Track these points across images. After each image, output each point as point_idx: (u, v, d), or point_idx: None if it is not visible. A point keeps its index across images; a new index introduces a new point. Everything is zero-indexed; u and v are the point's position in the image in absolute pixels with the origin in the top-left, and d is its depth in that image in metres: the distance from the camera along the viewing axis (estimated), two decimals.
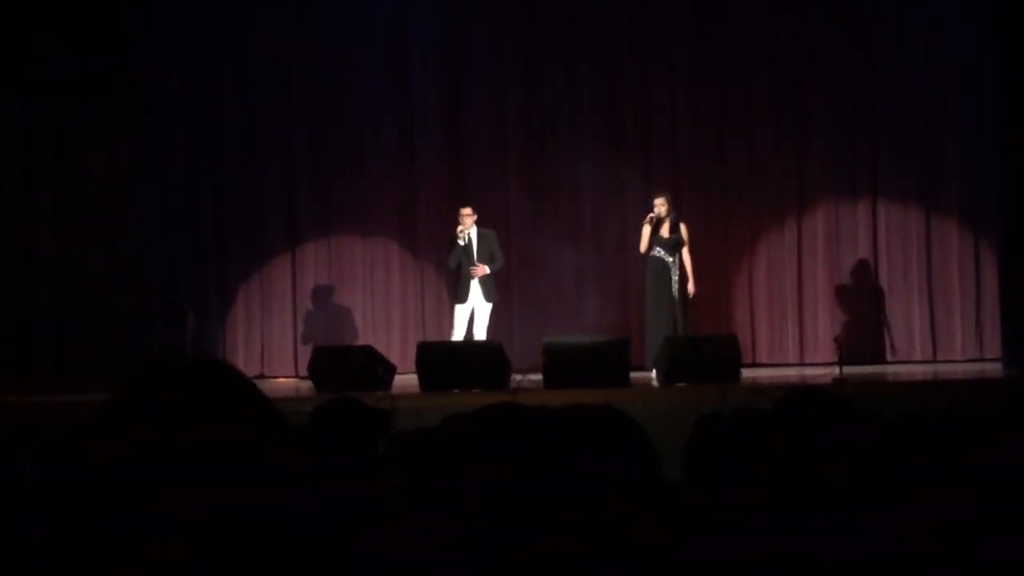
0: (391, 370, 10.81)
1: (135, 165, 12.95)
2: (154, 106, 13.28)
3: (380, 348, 11.74)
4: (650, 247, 11.74)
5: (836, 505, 2.54)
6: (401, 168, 13.90)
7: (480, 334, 12.04)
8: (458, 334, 12.12)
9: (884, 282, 13.44)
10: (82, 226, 12.64)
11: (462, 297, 12.14)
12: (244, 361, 13.56)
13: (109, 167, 12.75)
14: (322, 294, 14.00)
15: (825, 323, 13.42)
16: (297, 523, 1.72)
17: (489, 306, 12.15)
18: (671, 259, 11.73)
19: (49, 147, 12.58)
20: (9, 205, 12.45)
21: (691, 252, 11.92)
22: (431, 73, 13.88)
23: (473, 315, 12.14)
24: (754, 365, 12.99)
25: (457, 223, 12.18)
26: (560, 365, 10.39)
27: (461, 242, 12.05)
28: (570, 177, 13.74)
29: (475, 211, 12.22)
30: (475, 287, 12.10)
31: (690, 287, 11.79)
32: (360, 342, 13.03)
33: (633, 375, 10.84)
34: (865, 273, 13.45)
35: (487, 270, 12.09)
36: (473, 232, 12.14)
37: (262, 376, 13.42)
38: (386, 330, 13.81)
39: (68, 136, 12.64)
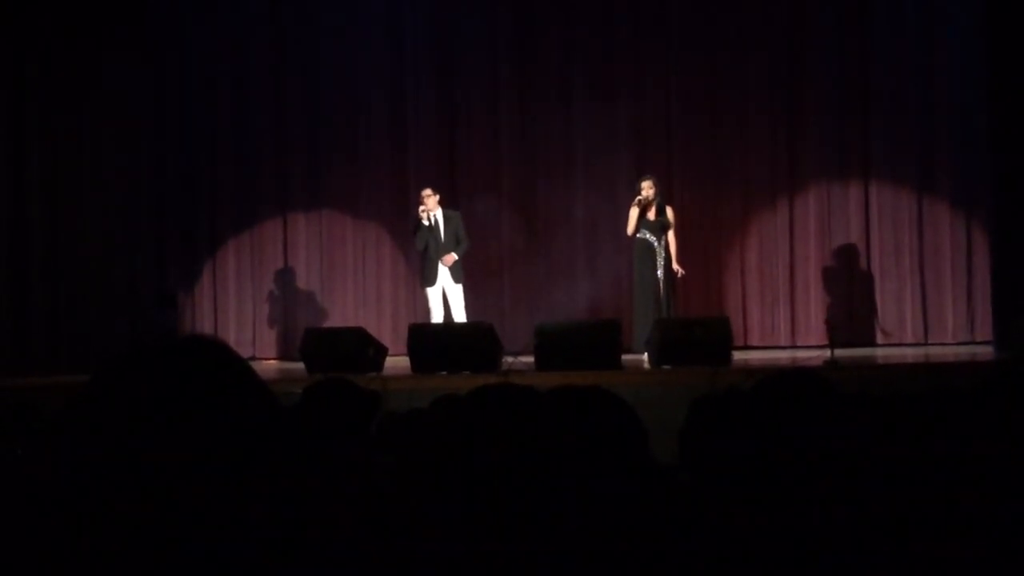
0: (382, 352, 10.79)
1: (129, 150, 12.95)
2: (148, 90, 13.27)
3: (371, 330, 11.73)
4: (637, 230, 11.70)
5: (825, 485, 2.54)
6: (393, 151, 13.92)
7: (459, 315, 12.02)
8: (436, 316, 12.10)
9: (876, 265, 13.43)
10: (75, 208, 12.62)
11: (430, 280, 12.11)
12: (234, 343, 13.52)
13: (101, 150, 12.73)
14: (313, 276, 14.00)
15: (817, 306, 13.41)
16: (288, 504, 1.71)
17: (459, 287, 12.11)
18: (657, 241, 11.66)
19: (40, 127, 12.54)
20: (0, 182, 12.42)
21: (682, 235, 11.88)
22: (424, 56, 13.90)
23: (446, 297, 12.11)
24: (746, 348, 13.01)
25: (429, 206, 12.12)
26: (551, 347, 10.36)
27: (426, 223, 11.99)
28: (563, 162, 13.74)
29: (436, 191, 12.13)
30: (443, 269, 12.07)
31: (675, 267, 11.70)
32: (351, 324, 13.03)
33: (623, 358, 10.82)
34: (857, 256, 13.44)
35: (456, 257, 12.05)
36: (439, 213, 12.08)
37: (253, 358, 13.45)
38: (377, 312, 13.83)
39: (61, 117, 12.60)
